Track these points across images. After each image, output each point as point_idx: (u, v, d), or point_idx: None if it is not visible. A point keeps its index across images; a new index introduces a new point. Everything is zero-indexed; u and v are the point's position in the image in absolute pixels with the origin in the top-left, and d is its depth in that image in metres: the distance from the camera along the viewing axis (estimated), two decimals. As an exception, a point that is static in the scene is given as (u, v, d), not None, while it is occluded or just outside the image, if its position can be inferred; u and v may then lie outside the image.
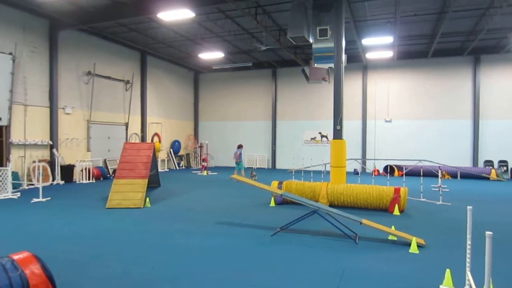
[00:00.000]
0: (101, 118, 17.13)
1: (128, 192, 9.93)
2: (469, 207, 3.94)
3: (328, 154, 13.23)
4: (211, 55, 19.12)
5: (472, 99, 19.90)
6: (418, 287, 4.50)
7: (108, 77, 17.51)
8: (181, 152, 23.80)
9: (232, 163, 24.45)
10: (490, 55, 19.27)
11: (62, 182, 14.41)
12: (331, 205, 9.63)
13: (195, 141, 24.88)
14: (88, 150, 16.37)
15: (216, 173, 19.45)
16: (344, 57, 12.32)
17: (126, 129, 18.76)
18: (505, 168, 19.19)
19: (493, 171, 18.07)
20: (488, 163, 19.54)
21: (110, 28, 16.27)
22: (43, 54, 14.38)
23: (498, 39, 17.50)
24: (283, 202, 10.29)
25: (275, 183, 10.76)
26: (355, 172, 19.58)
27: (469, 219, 3.91)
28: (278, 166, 23.72)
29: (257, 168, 23.48)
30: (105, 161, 17.40)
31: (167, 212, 9.09)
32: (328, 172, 12.49)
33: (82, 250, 5.86)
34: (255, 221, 8.14)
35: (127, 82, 18.79)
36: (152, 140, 20.36)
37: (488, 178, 17.85)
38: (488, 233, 2.96)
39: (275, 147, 23.75)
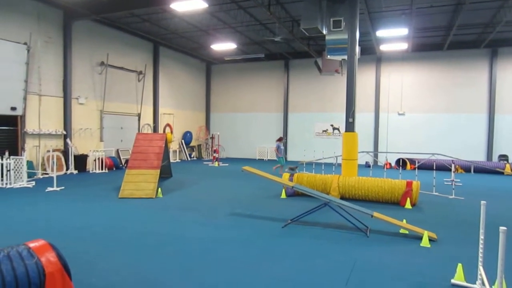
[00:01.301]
0: (114, 108, 17.31)
1: (140, 182, 10.06)
2: (483, 202, 3.90)
3: (339, 147, 13.17)
4: (224, 46, 19.07)
5: (488, 92, 19.52)
6: (430, 281, 4.48)
7: (121, 68, 17.65)
8: (193, 143, 23.95)
9: (243, 155, 24.63)
10: (508, 47, 18.83)
11: (75, 172, 14.66)
12: (342, 198, 9.61)
13: (206, 132, 24.99)
14: (101, 140, 16.59)
15: (227, 165, 19.54)
16: (357, 49, 12.17)
17: (139, 120, 18.94)
18: (520, 163, 18.83)
19: (507, 166, 17.75)
20: (503, 157, 19.21)
21: (123, 19, 16.35)
22: (57, 44, 14.54)
23: (517, 31, 17.08)
24: (294, 194, 10.31)
25: (286, 175, 10.77)
26: (367, 165, 19.38)
27: (483, 213, 3.87)
28: (289, 158, 23.69)
29: (268, 160, 23.51)
30: (117, 151, 17.62)
31: (179, 202, 9.19)
32: (339, 165, 12.44)
33: (95, 240, 5.97)
34: (266, 213, 8.17)
35: (140, 72, 18.91)
36: (164, 131, 20.51)
37: (502, 173, 17.56)
38: (502, 228, 2.93)
39: (286, 139, 23.70)
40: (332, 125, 22.50)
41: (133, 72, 18.55)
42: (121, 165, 17.00)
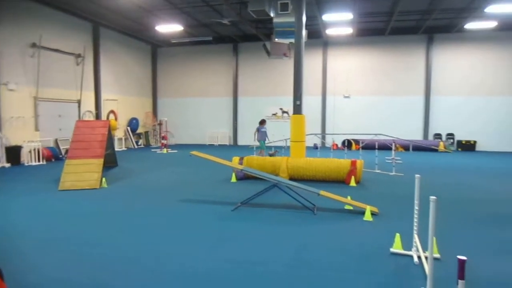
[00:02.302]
0: (50, 95, 16.14)
1: (82, 173, 9.54)
2: (417, 176, 4.14)
3: (289, 130, 13.36)
4: (169, 28, 18.40)
5: (424, 76, 20.73)
6: (371, 251, 4.72)
7: (57, 50, 16.43)
8: (140, 130, 23.16)
9: (194, 141, 24.27)
10: (442, 34, 20.04)
11: (8, 165, 13.51)
12: (291, 179, 9.80)
13: (154, 119, 24.25)
14: (37, 129, 15.43)
15: (176, 151, 19.16)
16: (304, 32, 12.30)
17: (79, 107, 17.87)
18: (451, 140, 20.39)
19: (441, 143, 19.20)
20: (437, 136, 20.65)
21: (58, -3, 15.19)
22: (-18, 24, 13.21)
23: (450, 19, 18.15)
24: (244, 177, 10.35)
25: (236, 159, 10.77)
26: (315, 147, 20.01)
27: (417, 186, 4.11)
28: (240, 142, 23.75)
29: (219, 145, 23.40)
30: (56, 141, 16.55)
31: (126, 192, 8.87)
32: (288, 147, 12.66)
33: (34, 236, 5.59)
34: (216, 197, 8.14)
35: (78, 55, 17.77)
36: (107, 118, 19.61)
37: (437, 150, 18.93)
38: (432, 197, 3.12)
39: (236, 124, 23.67)
40: (281, 109, 22.78)
41: (71, 55, 17.38)
42: (61, 156, 16.02)
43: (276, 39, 14.32)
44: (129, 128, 21.90)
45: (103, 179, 9.54)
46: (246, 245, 4.98)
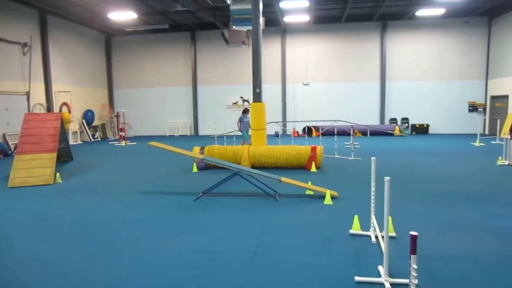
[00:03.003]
0: (-4, 87, 15.12)
1: (34, 168, 9.04)
2: (373, 158, 4.28)
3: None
4: (123, 15, 17.68)
5: (380, 62, 21.38)
6: (332, 234, 4.85)
7: (0, 39, 15.35)
8: (96, 123, 22.25)
9: (153, 132, 23.70)
10: (395, 21, 20.70)
11: (-48, 161, 12.64)
12: (253, 167, 9.85)
13: (110, 110, 23.38)
14: (-17, 124, 14.45)
15: (135, 143, 18.65)
16: (262, 19, 12.24)
17: (28, 99, 16.87)
18: (406, 124, 21.30)
19: (397, 127, 20.01)
20: (393, 120, 21.48)
21: (-2, -18, 14.12)
22: None
23: (402, 6, 18.75)
24: (206, 167, 10.26)
25: (197, 149, 10.64)
26: (276, 135, 20.18)
27: (373, 169, 4.24)
28: (201, 132, 23.48)
29: (179, 136, 23.02)
30: (4, 136, 15.56)
31: (82, 186, 8.52)
32: (250, 136, 12.66)
33: (-19, 232, 5.25)
34: (177, 188, 8.02)
35: (25, 45, 16.69)
36: (60, 110, 18.67)
37: (393, 134, 19.71)
38: (386, 178, 3.24)
39: (197, 113, 23.35)
40: (242, 97, 22.71)
41: (16, 44, 16.28)
42: (10, 152, 15.10)
43: (234, 27, 14.17)
44: (84, 121, 20.99)
45: (57, 174, 9.11)
46: (208, 235, 4.95)
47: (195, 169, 10.11)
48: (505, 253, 4.14)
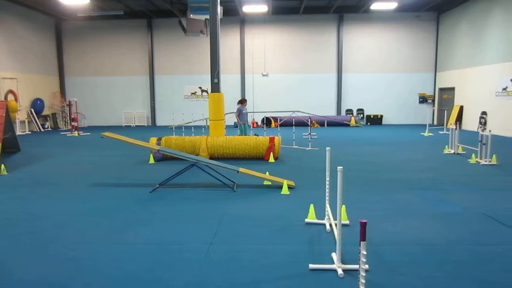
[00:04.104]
0: None
1: (-24, 160, 8.45)
2: (327, 148, 4.37)
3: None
4: None
5: (336, 54, 21.86)
6: (288, 223, 4.93)
7: None
8: (46, 112, 21.09)
9: (108, 122, 22.84)
10: (351, 14, 21.19)
11: None
12: (211, 158, 9.78)
13: (62, 99, 22.23)
14: None
15: (89, 134, 17.90)
16: (219, 9, 12.09)
17: (-31, 87, 15.66)
18: (361, 115, 22.04)
19: (352, 118, 20.66)
20: (349, 111, 22.14)
21: None
22: None
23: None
24: (163, 158, 10.05)
25: (153, 139, 10.39)
26: (235, 125, 20.14)
27: (328, 158, 4.34)
28: (158, 123, 22.96)
29: (136, 126, 22.38)
30: None
31: (30, 178, 8.06)
32: (209, 127, 12.56)
33: None
34: (132, 179, 7.81)
35: (-37, 28, 15.41)
36: (5, 99, 17.49)
37: (349, 125, 20.33)
38: (339, 167, 3.33)
39: (154, 103, 22.78)
40: (200, 88, 22.42)
41: (-46, 28, 15.01)
42: (-51, 143, 13.97)
43: (192, 15, 13.88)
44: (33, 110, 19.82)
45: (2, 166, 8.55)
46: (164, 226, 4.87)
47: (151, 161, 9.88)
48: (449, 236, 4.41)
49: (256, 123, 21.23)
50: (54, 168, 9.30)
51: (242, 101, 12.86)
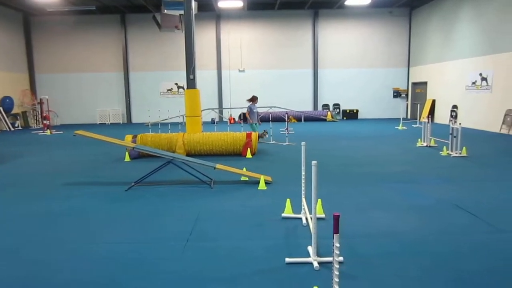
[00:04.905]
0: None
1: None
2: (303, 143, 4.41)
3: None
4: (42, -6, 16.21)
5: (312, 50, 22.03)
6: (265, 218, 4.95)
7: None
8: (16, 110, 20.36)
9: (82, 120, 22.26)
10: (326, 9, 21.37)
11: None
12: (188, 155, 9.69)
13: (32, 97, 21.49)
14: None
15: (62, 132, 17.41)
16: (194, 4, 11.93)
17: None
18: (338, 110, 22.33)
19: (329, 113, 20.90)
20: (325, 106, 22.38)
21: None
22: None
23: (332, -5, 19.43)
24: (139, 156, 9.89)
25: (129, 137, 10.21)
26: (213, 122, 20.05)
27: (303, 153, 4.38)
28: (134, 120, 22.57)
29: (111, 123, 21.93)
30: None
31: (-2, 179, 7.78)
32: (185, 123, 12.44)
33: None
34: (108, 178, 7.65)
35: None
36: (-29, 98, 16.77)
37: (325, 120, 20.56)
38: (313, 162, 3.36)
39: (129, 101, 22.35)
40: (177, 84, 22.15)
41: None
42: None
43: (166, 11, 13.65)
44: (1, 108, 19.09)
45: (-32, 169, 8.22)
46: (140, 225, 4.80)
47: (127, 159, 9.70)
48: (421, 228, 4.54)
49: (234, 119, 21.19)
50: (25, 167, 9.00)
51: (253, 99, 12.06)
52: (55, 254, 3.97)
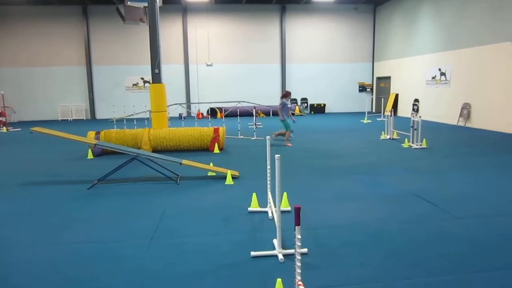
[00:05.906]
0: None
1: None
2: (267, 137, 4.43)
3: (150, 100, 12.78)
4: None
5: (280, 44, 22.12)
6: (232, 213, 4.95)
7: None
8: (-31, 107, 19.21)
9: (42, 116, 21.31)
10: (293, 4, 21.49)
11: None
12: (155, 151, 9.52)
13: (-13, 93, 20.34)
14: None
15: (19, 129, 16.61)
16: (159, -4, 11.66)
17: None
18: (305, 104, 22.59)
19: (297, 107, 21.10)
20: (293, 101, 22.57)
21: None
22: None
23: (299, -10, 19.56)
24: (102, 153, 9.60)
25: (92, 134, 9.88)
26: (180, 117, 19.78)
27: (268, 147, 4.40)
28: (98, 116, 21.87)
29: (73, 120, 21.15)
30: None
31: (-51, 180, 7.33)
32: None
33: None
34: (69, 176, 7.38)
35: None
36: None
37: (293, 114, 20.74)
38: (277, 155, 3.38)
39: (93, 96, 21.62)
40: (142, 78, 21.63)
41: None
42: None
43: (129, 2, 13.27)
44: (-48, 106, 17.96)
45: None
46: (104, 223, 4.67)
47: (90, 156, 9.39)
48: (384, 218, 4.68)
49: (202, 114, 20.99)
50: (-22, 167, 8.53)
51: (286, 94, 10.95)
52: (11, 257, 3.79)
